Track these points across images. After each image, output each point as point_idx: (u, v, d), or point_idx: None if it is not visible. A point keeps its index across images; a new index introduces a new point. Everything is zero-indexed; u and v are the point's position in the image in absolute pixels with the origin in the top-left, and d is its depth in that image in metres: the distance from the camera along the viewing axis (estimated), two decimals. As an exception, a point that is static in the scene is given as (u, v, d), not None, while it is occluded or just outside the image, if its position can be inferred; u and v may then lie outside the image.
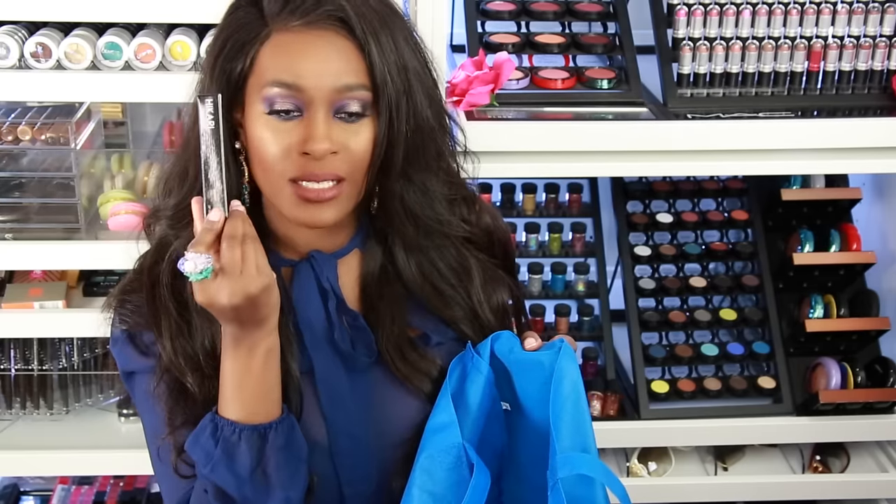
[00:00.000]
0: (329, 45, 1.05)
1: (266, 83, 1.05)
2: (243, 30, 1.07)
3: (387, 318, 1.16)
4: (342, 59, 1.05)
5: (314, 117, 1.04)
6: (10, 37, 1.59)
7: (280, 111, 1.05)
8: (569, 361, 1.10)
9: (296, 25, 1.05)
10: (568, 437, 1.07)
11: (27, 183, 1.76)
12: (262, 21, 1.06)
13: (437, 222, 1.15)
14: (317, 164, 1.05)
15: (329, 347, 1.15)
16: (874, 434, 2.05)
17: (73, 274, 1.88)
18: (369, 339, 1.15)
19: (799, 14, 1.85)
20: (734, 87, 1.86)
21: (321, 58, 1.04)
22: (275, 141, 1.05)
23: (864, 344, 2.05)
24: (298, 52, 1.04)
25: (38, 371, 1.92)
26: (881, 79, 1.87)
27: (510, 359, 1.13)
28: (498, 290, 1.23)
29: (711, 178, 2.16)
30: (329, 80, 1.04)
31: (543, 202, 2.13)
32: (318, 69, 1.04)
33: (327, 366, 1.14)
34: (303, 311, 1.15)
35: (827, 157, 1.81)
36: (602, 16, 1.92)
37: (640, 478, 2.03)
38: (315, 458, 1.12)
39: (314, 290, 1.15)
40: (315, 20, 1.04)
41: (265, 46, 1.05)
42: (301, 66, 1.04)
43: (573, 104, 1.82)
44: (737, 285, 2.09)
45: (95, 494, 2.14)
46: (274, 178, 1.07)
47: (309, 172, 1.05)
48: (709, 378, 2.02)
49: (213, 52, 1.09)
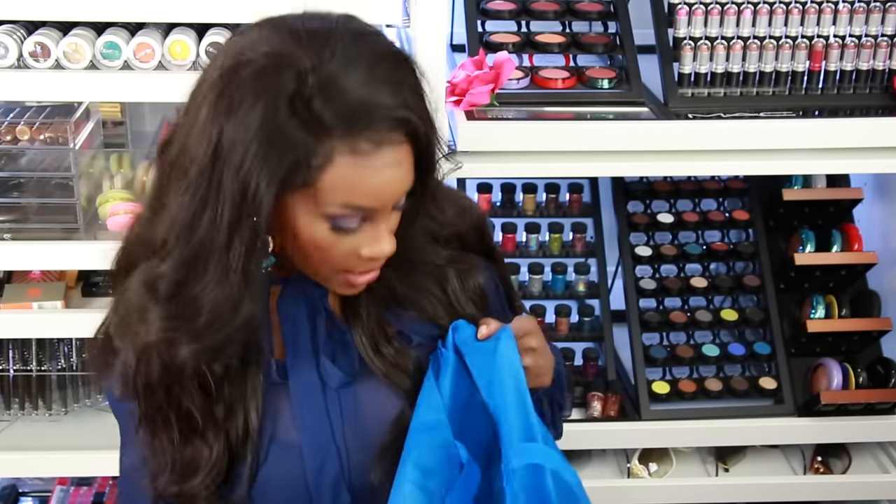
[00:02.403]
0: (396, 161, 0.99)
1: (331, 204, 0.99)
2: (295, 148, 0.95)
3: (363, 313, 1.15)
4: (406, 166, 1.01)
5: (380, 224, 1.03)
6: (9, 36, 1.58)
7: (345, 227, 1.01)
8: (509, 350, 1.10)
9: (365, 147, 0.97)
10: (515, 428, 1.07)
11: (26, 183, 1.75)
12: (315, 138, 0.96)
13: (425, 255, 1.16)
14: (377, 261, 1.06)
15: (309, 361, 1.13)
16: (876, 435, 2.04)
17: (72, 274, 1.88)
18: (353, 355, 1.14)
19: (800, 13, 1.84)
20: (735, 87, 1.86)
21: (392, 177, 1.00)
22: (337, 248, 1.03)
23: (866, 344, 2.05)
24: (370, 177, 0.98)
25: (37, 371, 1.91)
26: (883, 78, 1.87)
27: (466, 349, 1.13)
28: (472, 275, 1.21)
29: (712, 178, 2.15)
30: (397, 193, 1.02)
31: (544, 202, 2.12)
32: (389, 187, 1.00)
33: (304, 379, 1.13)
34: (288, 326, 1.13)
35: (828, 157, 1.80)
36: (603, 15, 1.92)
37: (640, 479, 2.02)
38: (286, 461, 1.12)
39: (303, 305, 1.14)
40: (382, 133, 0.97)
41: (328, 170, 0.97)
42: (374, 189, 0.99)
43: (574, 104, 1.81)
44: (738, 286, 2.08)
45: (94, 495, 2.14)
46: (322, 267, 1.06)
47: (369, 268, 1.06)
48: (710, 379, 2.01)
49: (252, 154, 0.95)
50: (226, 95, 0.96)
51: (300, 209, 1.00)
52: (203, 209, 0.98)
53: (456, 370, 1.12)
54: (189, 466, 1.08)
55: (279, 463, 1.12)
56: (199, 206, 0.98)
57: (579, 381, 2.03)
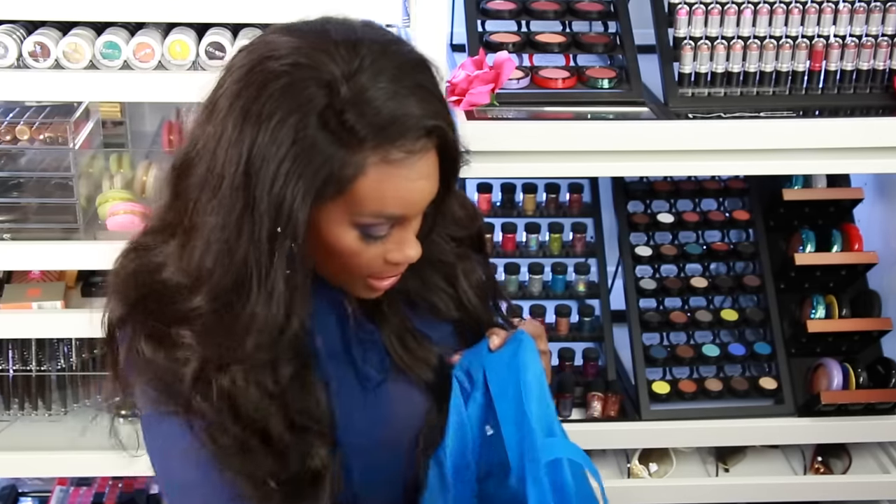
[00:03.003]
0: (428, 170, 1.01)
1: (362, 213, 0.99)
2: (328, 163, 0.95)
3: (386, 310, 1.16)
4: (434, 174, 1.02)
5: (408, 230, 1.04)
6: (9, 36, 1.58)
7: (375, 235, 1.02)
8: (530, 353, 1.12)
9: (397, 157, 0.97)
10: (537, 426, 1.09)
11: (25, 183, 1.75)
12: (348, 150, 0.95)
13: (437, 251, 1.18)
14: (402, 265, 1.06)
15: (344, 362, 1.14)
16: (876, 435, 2.04)
17: (72, 274, 1.88)
18: (383, 355, 1.15)
19: (801, 13, 1.84)
20: (735, 87, 1.86)
21: (423, 186, 1.01)
22: (365, 255, 1.03)
23: (866, 344, 2.04)
24: (402, 186, 0.98)
25: (37, 372, 1.91)
26: (883, 78, 1.87)
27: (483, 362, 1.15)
28: (474, 270, 1.23)
29: (713, 177, 2.15)
30: (426, 201, 1.03)
31: (544, 202, 2.12)
32: (420, 196, 1.01)
33: (342, 379, 1.13)
34: (320, 326, 1.12)
35: (829, 157, 1.80)
36: (603, 15, 1.92)
37: (640, 479, 2.02)
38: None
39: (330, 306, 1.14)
40: (414, 143, 0.97)
41: (361, 180, 0.96)
42: (407, 199, 1.00)
43: (574, 104, 1.81)
44: (738, 286, 2.08)
45: (94, 496, 2.14)
46: (348, 273, 1.06)
47: (395, 272, 1.07)
48: (710, 379, 2.01)
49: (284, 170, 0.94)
50: (254, 109, 0.95)
51: (332, 219, 1.00)
52: (240, 229, 0.96)
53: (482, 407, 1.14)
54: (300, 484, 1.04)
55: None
56: (235, 226, 0.96)
57: (579, 381, 2.03)
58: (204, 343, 1.00)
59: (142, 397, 1.06)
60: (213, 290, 0.99)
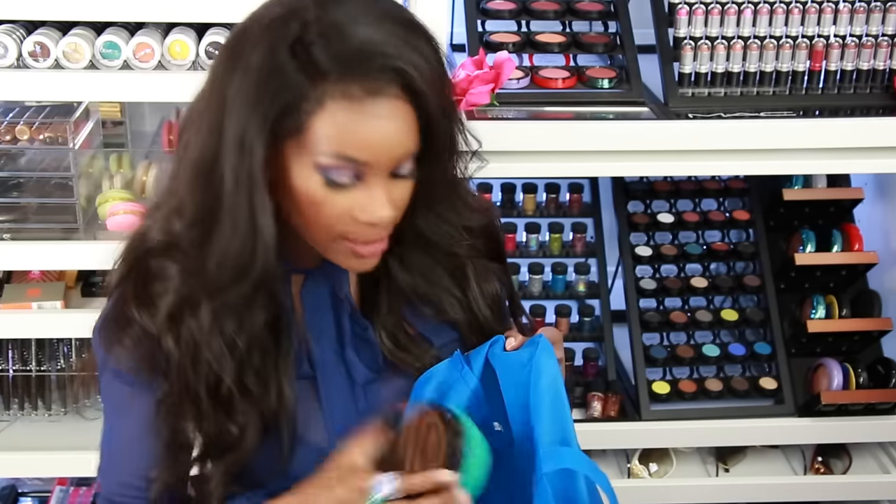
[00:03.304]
0: (390, 114, 0.97)
1: (322, 153, 0.97)
2: (289, 90, 0.96)
3: (383, 307, 1.15)
4: (405, 123, 0.99)
5: (376, 187, 1.00)
6: (9, 36, 1.58)
7: (338, 181, 0.99)
8: (547, 357, 1.09)
9: (357, 92, 0.95)
10: (548, 432, 1.06)
11: (25, 183, 1.75)
12: (312, 76, 0.96)
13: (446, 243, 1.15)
14: (376, 229, 1.03)
15: (335, 356, 1.14)
16: (876, 435, 2.04)
17: (72, 274, 1.88)
18: (376, 351, 1.14)
19: (801, 13, 1.84)
20: (736, 87, 1.85)
21: (384, 129, 0.97)
22: (330, 205, 1.00)
23: (866, 344, 2.04)
24: (361, 126, 0.96)
25: (37, 372, 1.91)
26: (883, 78, 1.87)
27: (496, 362, 1.12)
28: (490, 279, 1.21)
29: (713, 177, 2.15)
30: (394, 151, 0.99)
31: (544, 202, 2.12)
32: (384, 144, 0.98)
33: (332, 373, 1.13)
34: (312, 318, 1.13)
35: (829, 157, 1.80)
36: (603, 15, 1.92)
37: (641, 479, 2.02)
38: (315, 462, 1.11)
39: (326, 297, 1.14)
40: (375, 80, 0.95)
41: (321, 114, 0.96)
42: (366, 141, 0.97)
43: (574, 104, 1.81)
44: (738, 286, 2.08)
45: (94, 496, 2.13)
46: (321, 231, 1.03)
47: (367, 236, 1.03)
48: (710, 379, 2.01)
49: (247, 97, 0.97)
50: (237, 50, 0.99)
51: (294, 160, 0.99)
52: (213, 162, 0.99)
53: (476, 393, 1.12)
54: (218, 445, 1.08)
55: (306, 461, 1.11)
56: (209, 159, 1.00)
57: (579, 382, 2.03)
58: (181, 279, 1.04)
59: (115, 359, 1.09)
60: (189, 216, 1.03)
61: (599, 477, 1.06)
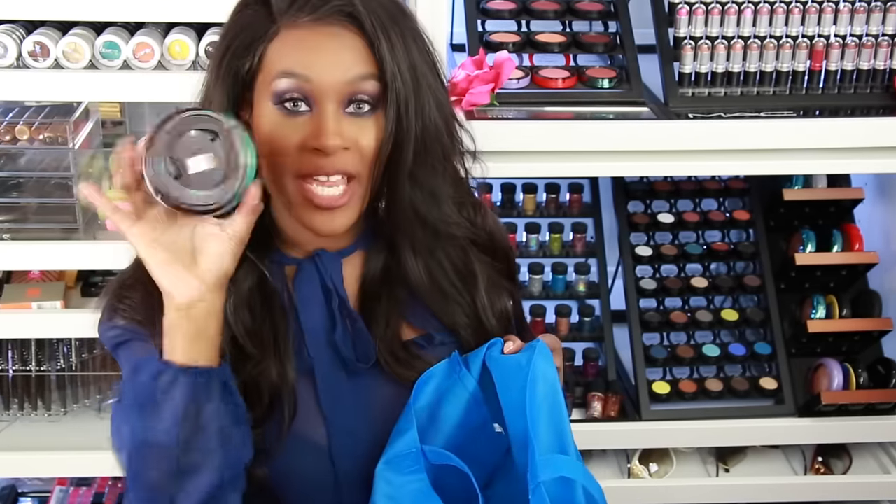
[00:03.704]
0: (338, 40, 1.04)
1: (274, 75, 1.04)
2: (251, 28, 1.06)
3: (381, 320, 1.15)
4: (352, 52, 1.04)
5: (324, 112, 1.04)
6: (8, 36, 1.58)
7: (288, 101, 1.04)
8: (544, 362, 1.08)
9: (305, 21, 1.04)
10: (546, 439, 1.06)
11: (25, 183, 1.75)
12: (270, 18, 1.06)
13: (445, 224, 1.15)
14: (327, 160, 1.04)
15: (329, 348, 1.14)
16: (876, 435, 2.04)
17: (72, 274, 1.88)
18: (368, 343, 1.14)
19: (801, 13, 1.84)
20: (736, 87, 1.85)
21: (331, 51, 1.04)
22: (284, 135, 1.04)
23: (867, 345, 2.04)
24: (308, 45, 1.04)
25: (36, 372, 1.91)
26: (883, 78, 1.86)
27: (493, 364, 1.12)
28: (501, 295, 1.22)
29: (713, 177, 2.15)
30: (339, 73, 1.04)
31: (544, 202, 2.12)
32: (327, 62, 1.04)
33: (327, 366, 1.13)
34: (305, 310, 1.14)
35: (829, 157, 1.80)
36: (603, 15, 1.92)
37: (641, 479, 2.02)
38: (314, 459, 1.11)
39: (318, 288, 1.14)
40: (324, 16, 1.04)
41: (274, 42, 1.05)
42: (310, 57, 1.04)
43: (574, 104, 1.81)
44: (738, 286, 2.08)
45: (94, 496, 2.13)
46: (282, 174, 1.06)
47: (319, 168, 1.04)
48: (710, 379, 2.01)
49: (220, 51, 1.08)
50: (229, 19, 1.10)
51: (258, 101, 1.06)
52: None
53: (474, 396, 1.11)
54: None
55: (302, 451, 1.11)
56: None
57: (579, 382, 2.03)
58: None
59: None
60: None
61: (594, 486, 1.05)
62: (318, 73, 1.03)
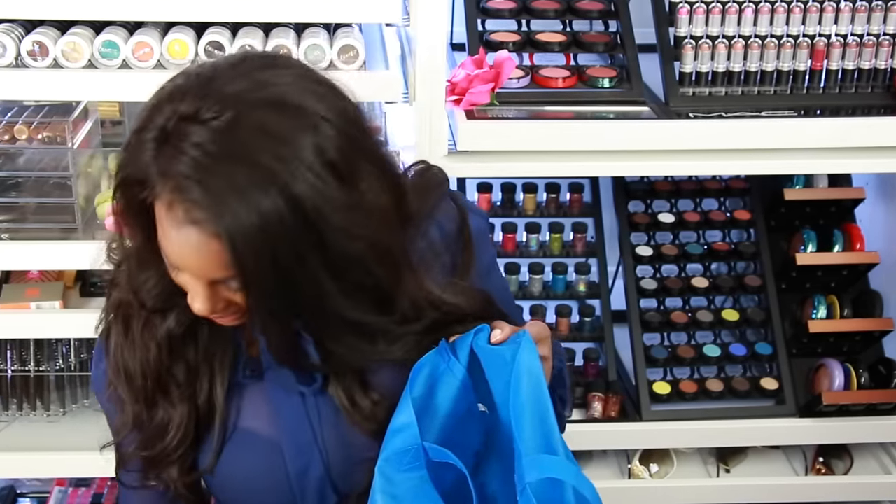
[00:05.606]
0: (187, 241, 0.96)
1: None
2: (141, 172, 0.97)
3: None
4: (208, 259, 0.96)
5: (195, 284, 1.00)
6: (7, 35, 1.57)
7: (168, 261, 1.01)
8: (529, 356, 1.06)
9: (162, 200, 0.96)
10: (532, 439, 1.04)
11: (24, 182, 1.74)
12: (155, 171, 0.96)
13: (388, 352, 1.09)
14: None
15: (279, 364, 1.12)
16: (878, 436, 2.04)
17: (70, 274, 1.87)
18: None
19: (802, 12, 1.83)
20: (736, 86, 1.85)
21: (181, 252, 0.97)
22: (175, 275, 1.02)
23: (868, 345, 2.04)
24: (165, 237, 0.98)
25: (35, 372, 1.91)
26: (885, 78, 1.86)
27: (481, 353, 1.09)
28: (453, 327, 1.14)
29: (713, 177, 2.15)
30: (202, 274, 0.98)
31: (544, 202, 2.12)
32: (181, 261, 0.98)
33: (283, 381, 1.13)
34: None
35: (830, 157, 1.80)
36: (603, 14, 1.91)
37: (641, 479, 2.02)
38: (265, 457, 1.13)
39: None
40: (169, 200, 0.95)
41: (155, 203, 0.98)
42: (169, 250, 0.98)
43: (574, 103, 1.81)
44: (739, 286, 2.08)
45: (93, 496, 2.13)
46: None
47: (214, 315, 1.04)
48: (711, 379, 2.01)
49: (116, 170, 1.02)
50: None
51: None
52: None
53: (464, 383, 1.10)
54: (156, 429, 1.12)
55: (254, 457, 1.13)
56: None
57: (580, 382, 2.02)
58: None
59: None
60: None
61: (585, 485, 1.04)
62: (180, 266, 0.99)
